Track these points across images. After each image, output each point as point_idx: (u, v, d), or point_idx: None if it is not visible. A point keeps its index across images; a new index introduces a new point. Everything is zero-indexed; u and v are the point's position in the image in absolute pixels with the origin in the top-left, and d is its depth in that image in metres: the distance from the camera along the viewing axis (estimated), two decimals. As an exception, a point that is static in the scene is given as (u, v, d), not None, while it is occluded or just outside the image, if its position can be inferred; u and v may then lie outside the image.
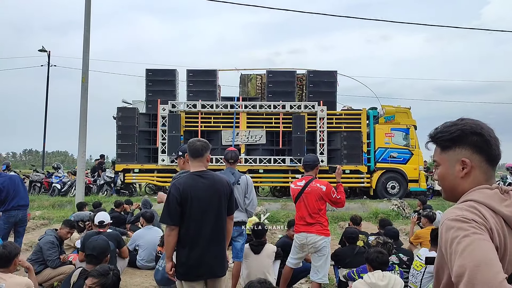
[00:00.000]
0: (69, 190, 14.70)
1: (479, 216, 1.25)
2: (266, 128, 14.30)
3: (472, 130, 1.41)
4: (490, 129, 1.43)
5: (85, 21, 11.74)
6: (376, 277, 3.78)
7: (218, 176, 3.45)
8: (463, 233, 1.21)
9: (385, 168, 14.46)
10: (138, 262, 6.33)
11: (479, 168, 1.41)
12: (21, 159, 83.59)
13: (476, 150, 1.40)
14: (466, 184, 1.41)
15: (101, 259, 4.25)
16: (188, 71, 14.83)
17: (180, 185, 3.23)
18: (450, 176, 1.45)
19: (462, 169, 1.41)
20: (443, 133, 1.46)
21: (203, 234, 3.20)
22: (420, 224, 7.02)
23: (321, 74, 14.96)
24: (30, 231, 9.60)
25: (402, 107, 15.28)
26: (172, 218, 3.18)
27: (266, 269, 5.04)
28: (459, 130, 1.43)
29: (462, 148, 1.41)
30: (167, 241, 3.25)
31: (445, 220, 1.29)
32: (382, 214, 11.42)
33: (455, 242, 1.21)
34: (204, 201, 3.22)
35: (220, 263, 3.31)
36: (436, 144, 1.50)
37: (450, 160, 1.44)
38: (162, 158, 14.05)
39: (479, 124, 1.43)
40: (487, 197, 1.32)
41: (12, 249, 3.88)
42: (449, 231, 1.25)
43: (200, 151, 3.32)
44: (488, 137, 1.40)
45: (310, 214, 4.60)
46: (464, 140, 1.41)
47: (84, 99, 11.62)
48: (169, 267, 3.26)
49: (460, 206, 1.32)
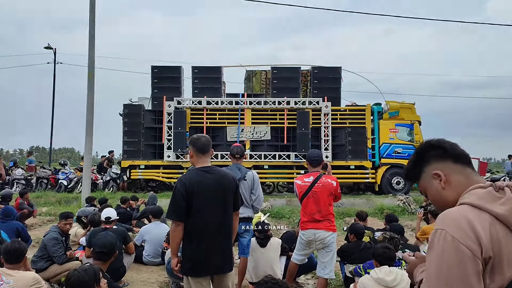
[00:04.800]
0: (75, 186, 14.77)
1: (467, 230, 1.23)
2: (271, 124, 14.30)
3: (424, 148, 1.53)
4: (441, 139, 1.54)
5: (90, 18, 11.78)
6: (383, 273, 3.78)
7: (223, 171, 3.46)
8: (442, 265, 1.23)
9: (390, 163, 14.40)
10: (144, 258, 6.35)
11: (453, 172, 1.45)
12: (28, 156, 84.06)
13: (439, 159, 1.48)
14: (451, 192, 1.44)
15: (111, 256, 4.27)
16: (193, 68, 14.86)
17: (186, 180, 3.22)
18: (435, 194, 1.49)
19: (439, 182, 1.46)
20: (408, 166, 1.59)
21: (210, 229, 3.20)
22: (429, 222, 6.99)
23: (326, 70, 14.93)
24: (36, 227, 9.68)
25: (407, 103, 15.21)
26: (178, 213, 3.18)
27: (273, 262, 5.06)
28: (415, 155, 1.56)
29: (428, 166, 1.50)
30: (173, 236, 3.26)
31: (438, 229, 1.28)
32: (387, 210, 11.38)
33: (431, 264, 1.26)
34: (210, 196, 3.22)
35: (227, 258, 3.31)
36: (411, 179, 1.60)
37: (427, 181, 1.52)
38: (168, 154, 14.09)
39: (427, 141, 1.55)
40: (479, 198, 1.32)
41: (24, 245, 3.93)
42: (433, 248, 1.27)
43: (207, 147, 3.35)
44: (441, 144, 1.51)
45: (320, 210, 4.57)
46: (424, 159, 1.51)
47: (91, 96, 11.67)
48: (175, 263, 3.27)
49: (451, 215, 1.30)
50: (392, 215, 6.95)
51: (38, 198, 12.86)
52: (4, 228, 5.91)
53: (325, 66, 15.16)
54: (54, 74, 24.70)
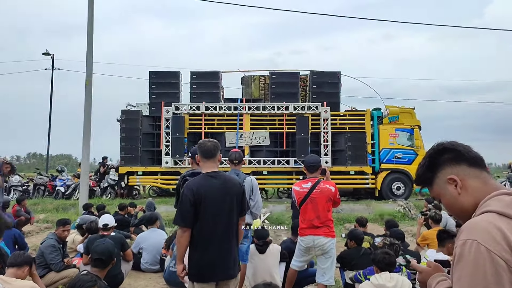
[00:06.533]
0: (73, 193, 14.70)
1: (501, 241, 1.17)
2: (269, 130, 14.27)
3: (437, 151, 1.45)
4: (453, 141, 1.46)
5: (88, 24, 11.77)
6: (383, 279, 3.74)
7: (229, 176, 3.45)
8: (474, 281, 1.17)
9: (390, 168, 14.36)
10: (142, 265, 6.30)
11: (469, 177, 1.38)
12: (25, 162, 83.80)
13: (454, 163, 1.41)
14: (468, 197, 1.37)
15: (108, 263, 4.22)
16: (192, 73, 14.85)
17: (193, 185, 3.21)
18: (451, 200, 1.42)
19: (455, 187, 1.39)
20: (419, 171, 1.51)
21: (216, 235, 3.18)
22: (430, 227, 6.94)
23: (325, 75, 14.92)
24: (34, 234, 9.61)
25: (406, 108, 15.21)
26: (185, 219, 3.15)
27: (272, 269, 5.00)
28: (427, 159, 1.48)
29: (441, 170, 1.43)
30: (179, 242, 3.22)
31: (468, 240, 1.21)
32: (387, 215, 11.33)
33: (463, 276, 1.20)
34: (217, 201, 3.20)
35: (233, 264, 3.27)
36: (423, 184, 1.52)
37: (441, 187, 1.44)
38: (166, 161, 14.03)
39: (440, 143, 1.47)
40: (506, 205, 1.26)
41: (28, 255, 3.95)
42: (463, 259, 1.20)
43: (212, 152, 3.32)
44: (456, 147, 1.43)
45: (319, 216, 4.53)
46: (437, 163, 1.44)
47: (88, 102, 11.62)
48: (180, 269, 3.22)
49: (481, 224, 1.23)
50: (392, 221, 6.90)
51: (36, 205, 12.78)
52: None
53: (324, 71, 15.14)
54: (52, 80, 24.73)
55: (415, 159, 14.24)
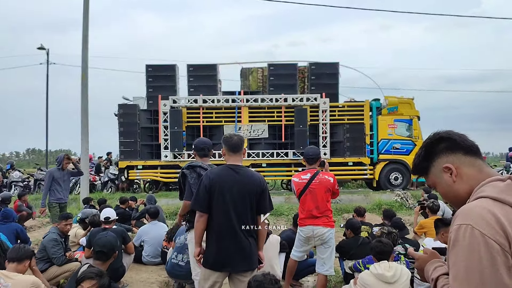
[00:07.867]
0: (73, 187, 14.74)
1: (495, 225, 1.20)
2: (268, 122, 14.26)
3: (433, 140, 1.49)
4: (449, 130, 1.49)
5: (84, 18, 11.71)
6: (382, 268, 3.79)
7: (252, 173, 3.47)
8: (471, 260, 1.20)
9: (388, 159, 14.39)
10: (143, 258, 6.35)
11: (464, 165, 1.41)
12: (24, 158, 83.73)
13: (449, 152, 1.44)
14: (463, 185, 1.41)
15: (110, 256, 4.27)
16: (189, 66, 14.75)
17: (211, 174, 3.34)
18: (446, 188, 1.45)
19: (450, 175, 1.42)
20: (415, 160, 1.55)
21: (228, 226, 3.24)
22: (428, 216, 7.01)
23: (323, 66, 14.86)
24: (36, 229, 9.67)
25: (405, 98, 15.17)
26: (201, 204, 3.27)
27: (272, 260, 5.05)
28: (424, 149, 1.51)
29: (437, 159, 1.47)
30: (196, 226, 3.32)
31: (462, 224, 1.24)
32: (385, 205, 11.41)
33: (458, 260, 1.23)
34: (231, 194, 3.25)
35: (245, 258, 3.28)
36: (419, 173, 1.56)
37: (436, 175, 1.47)
38: (165, 154, 14.05)
39: (437, 133, 1.51)
40: (500, 191, 1.28)
41: (29, 249, 4.01)
42: (458, 244, 1.23)
43: (238, 146, 3.40)
44: (451, 136, 1.46)
45: (318, 207, 4.58)
46: (433, 152, 1.48)
47: (85, 96, 11.61)
48: (197, 252, 3.33)
49: (475, 209, 1.26)
50: (390, 210, 6.97)
51: (37, 200, 12.81)
52: (3, 230, 5.91)
53: (322, 62, 15.08)
54: (47, 74, 24.62)
55: (413, 150, 14.26)
